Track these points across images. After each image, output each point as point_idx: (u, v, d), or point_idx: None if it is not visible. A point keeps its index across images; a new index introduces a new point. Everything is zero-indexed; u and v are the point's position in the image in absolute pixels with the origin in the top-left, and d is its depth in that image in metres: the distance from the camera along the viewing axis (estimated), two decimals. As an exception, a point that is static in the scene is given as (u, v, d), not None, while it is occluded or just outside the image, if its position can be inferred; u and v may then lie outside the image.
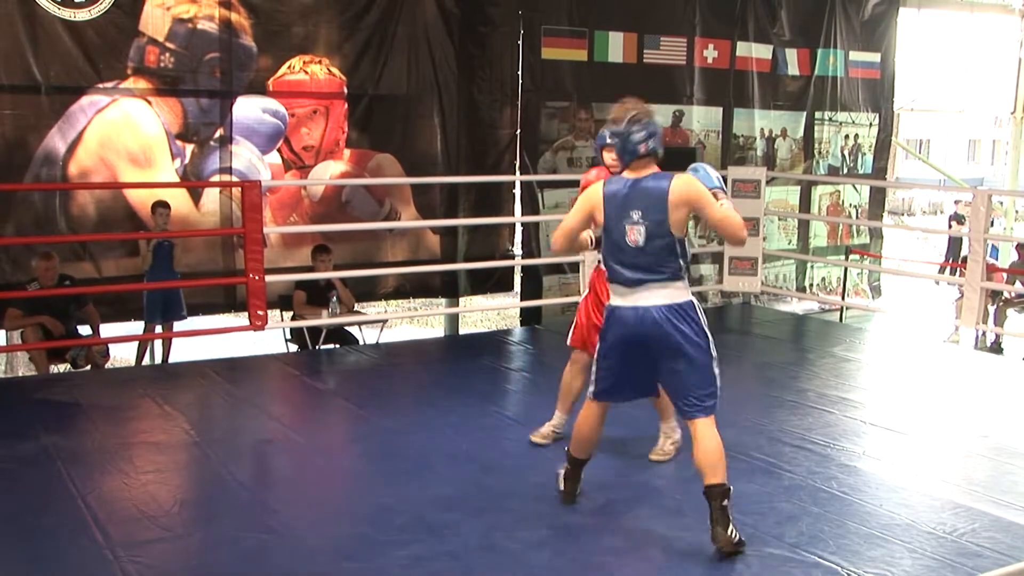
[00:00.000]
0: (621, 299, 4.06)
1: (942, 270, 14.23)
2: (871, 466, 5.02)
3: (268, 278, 7.10)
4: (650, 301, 3.97)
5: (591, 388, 4.31)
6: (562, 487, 4.46)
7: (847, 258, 11.42)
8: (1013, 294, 10.54)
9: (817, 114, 10.97)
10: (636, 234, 3.96)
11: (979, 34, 13.16)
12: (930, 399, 6.37)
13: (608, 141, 4.82)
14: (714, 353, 4.04)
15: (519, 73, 9.00)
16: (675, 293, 3.99)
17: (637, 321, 3.99)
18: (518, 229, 9.32)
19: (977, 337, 9.95)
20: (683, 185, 3.98)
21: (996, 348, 10.03)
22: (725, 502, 3.90)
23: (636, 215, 3.97)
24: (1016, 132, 13.50)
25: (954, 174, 18.51)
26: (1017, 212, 16.97)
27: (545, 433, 5.33)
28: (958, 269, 10.99)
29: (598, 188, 4.15)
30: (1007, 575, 3.86)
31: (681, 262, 4.01)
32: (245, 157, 7.94)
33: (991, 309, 10.54)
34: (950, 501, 4.50)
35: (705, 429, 4.00)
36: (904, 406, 6.13)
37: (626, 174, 4.09)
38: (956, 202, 15.89)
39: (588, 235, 4.55)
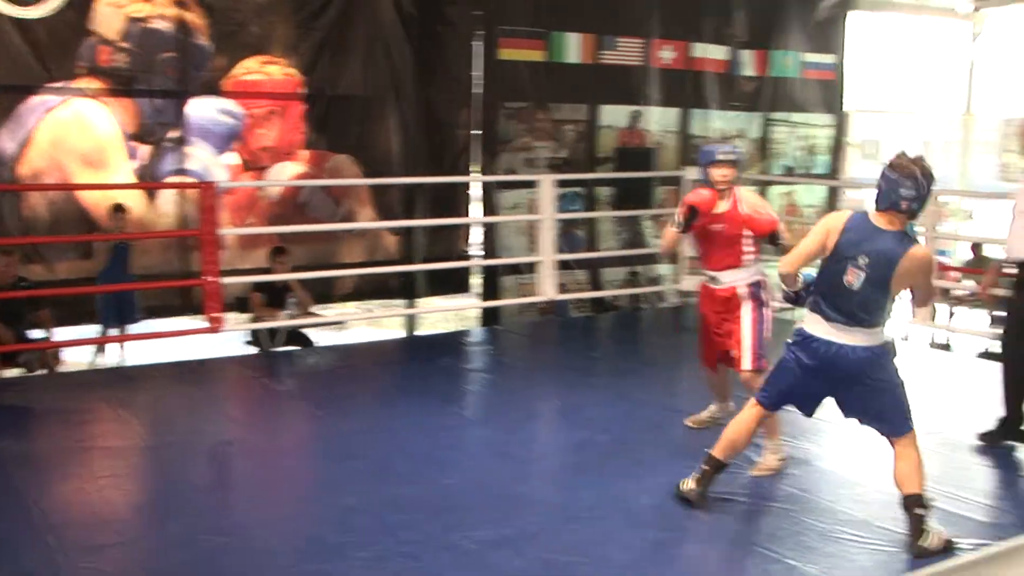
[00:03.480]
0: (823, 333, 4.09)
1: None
2: (828, 464, 5.07)
3: (225, 280, 7.04)
4: (851, 340, 4.03)
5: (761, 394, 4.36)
6: (694, 485, 4.37)
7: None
8: (966, 292, 10.70)
9: (772, 115, 11.05)
10: (855, 277, 3.96)
11: (929, 37, 13.33)
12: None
13: (719, 157, 4.95)
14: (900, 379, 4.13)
15: (477, 74, 8.99)
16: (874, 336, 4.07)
17: (830, 354, 4.05)
18: (476, 230, 9.32)
19: (932, 335, 10.08)
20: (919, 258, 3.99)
21: (946, 345, 10.17)
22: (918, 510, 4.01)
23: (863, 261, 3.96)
24: (965, 133, 13.70)
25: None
26: (969, 212, 17.23)
27: (703, 419, 5.54)
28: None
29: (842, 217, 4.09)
30: (956, 567, 3.93)
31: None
32: (201, 158, 7.87)
33: (949, 308, 10.71)
34: (892, 495, 4.54)
35: (906, 451, 4.09)
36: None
37: (875, 219, 4.00)
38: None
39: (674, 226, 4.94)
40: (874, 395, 4.06)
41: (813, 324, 4.10)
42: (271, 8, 8.01)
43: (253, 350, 7.88)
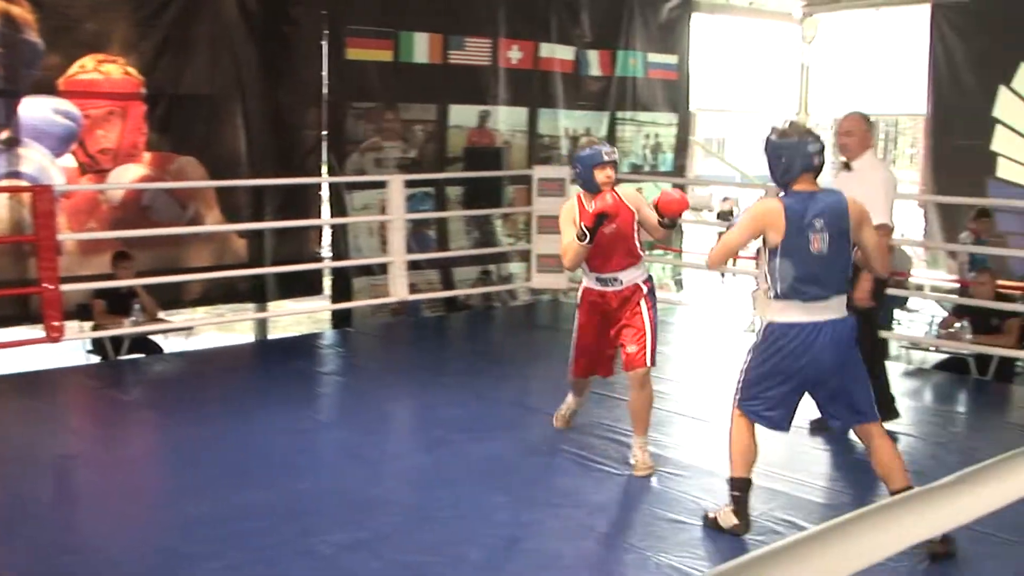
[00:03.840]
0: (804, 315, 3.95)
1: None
2: (678, 454, 5.22)
3: (64, 287, 6.79)
4: (833, 314, 3.95)
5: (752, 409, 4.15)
6: (736, 520, 4.15)
7: (649, 253, 11.79)
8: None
9: (619, 114, 11.27)
10: (820, 242, 3.90)
11: (766, 39, 13.83)
12: (732, 388, 6.66)
13: (605, 158, 4.79)
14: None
15: (324, 74, 8.90)
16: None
17: (824, 339, 3.92)
18: (326, 231, 9.23)
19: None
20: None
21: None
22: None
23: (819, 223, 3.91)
24: (802, 131, 14.22)
25: (748, 171, 19.37)
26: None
27: (566, 415, 5.55)
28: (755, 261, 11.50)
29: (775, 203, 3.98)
30: (786, 545, 4.10)
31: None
32: (35, 160, 7.56)
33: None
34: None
35: (884, 443, 4.05)
36: (708, 395, 6.39)
37: (801, 188, 3.96)
38: (724, 199, 16.59)
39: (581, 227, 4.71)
40: (850, 380, 4.00)
41: (789, 313, 3.96)
42: (108, 5, 7.75)
43: (96, 359, 7.63)
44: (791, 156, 3.93)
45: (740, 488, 4.13)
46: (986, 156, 11.21)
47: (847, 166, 5.50)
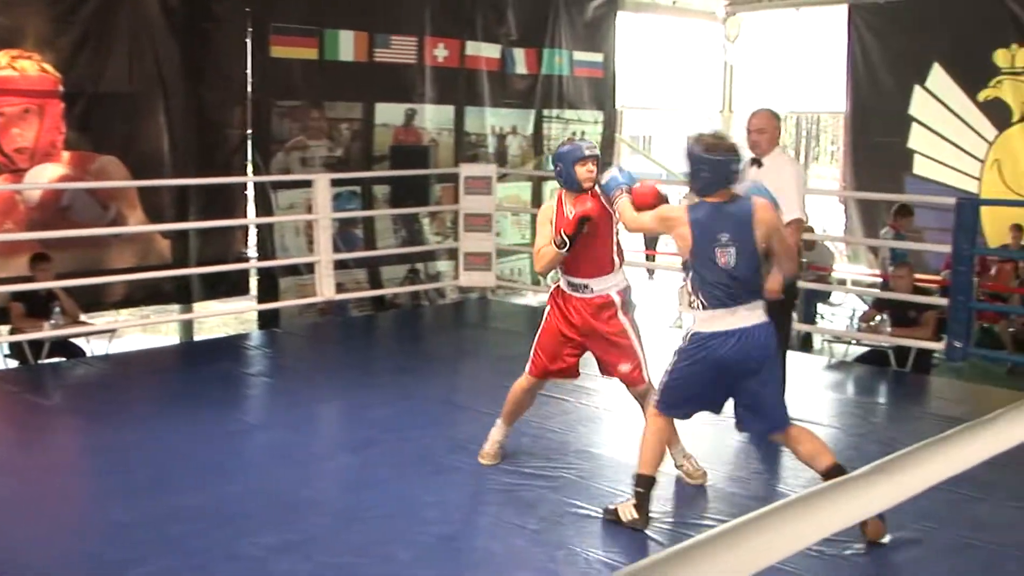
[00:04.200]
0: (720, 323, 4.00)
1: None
2: (606, 450, 5.27)
3: (-19, 290, 6.64)
4: (755, 319, 4.00)
5: (658, 401, 4.23)
6: (636, 515, 4.19)
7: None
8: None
9: (545, 112, 11.33)
10: (728, 256, 3.95)
11: (690, 38, 14.00)
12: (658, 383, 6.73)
13: (586, 153, 4.60)
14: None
15: (249, 72, 8.81)
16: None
17: (739, 346, 3.97)
18: (252, 231, 9.14)
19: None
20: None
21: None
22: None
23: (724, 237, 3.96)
24: (725, 129, 14.48)
25: (674, 169, 19.60)
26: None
27: (492, 452, 4.98)
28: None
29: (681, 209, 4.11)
30: (709, 537, 4.17)
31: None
32: (-51, 161, 7.38)
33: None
34: (671, 475, 4.77)
35: (800, 432, 4.10)
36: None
37: (712, 200, 4.01)
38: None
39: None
40: (765, 384, 4.04)
41: (711, 321, 4.01)
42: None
43: (15, 364, 7.46)
44: (713, 172, 3.96)
45: (645, 485, 4.20)
46: (903, 153, 11.49)
47: (757, 163, 5.58)
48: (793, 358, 8.10)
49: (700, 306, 4.01)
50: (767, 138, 5.53)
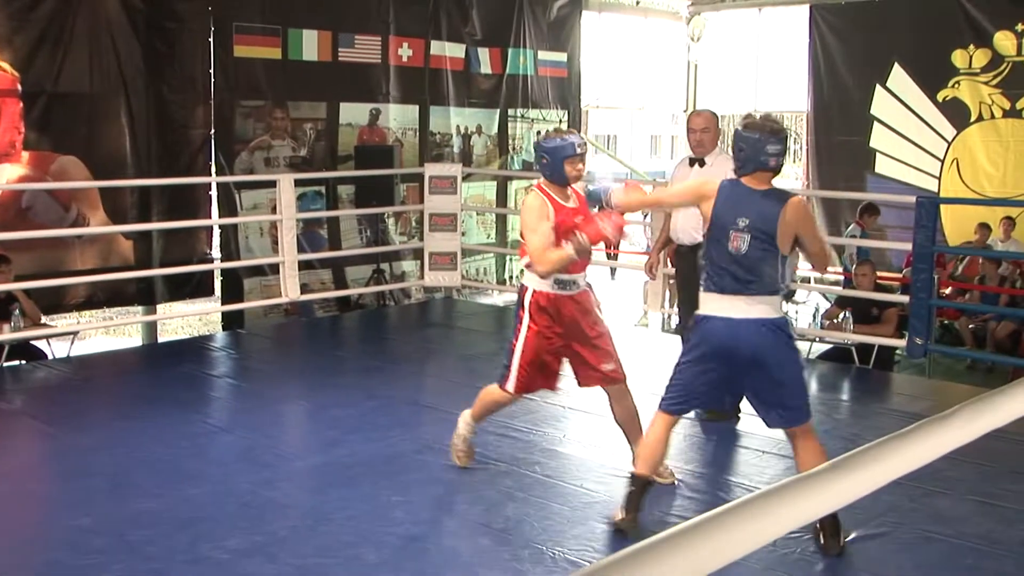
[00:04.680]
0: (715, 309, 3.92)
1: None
2: (572, 449, 5.28)
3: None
4: (751, 313, 3.87)
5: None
6: (622, 516, 4.10)
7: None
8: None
9: (510, 111, 11.35)
10: (740, 242, 3.84)
11: (654, 37, 14.06)
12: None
13: (578, 151, 4.47)
14: (803, 363, 4.08)
15: (211, 71, 8.75)
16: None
17: (730, 334, 3.87)
18: (216, 231, 9.08)
19: (663, 320, 10.66)
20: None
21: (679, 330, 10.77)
22: None
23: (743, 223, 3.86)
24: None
25: (638, 167, 19.68)
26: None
27: (467, 451, 4.86)
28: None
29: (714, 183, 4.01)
30: (671, 534, 4.19)
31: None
32: (-95, 161, 7.27)
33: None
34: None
35: (804, 438, 3.98)
36: (599, 390, 6.45)
37: (746, 182, 3.93)
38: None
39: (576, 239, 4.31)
40: (776, 380, 3.90)
41: (709, 303, 3.95)
42: (-22, -2, 7.49)
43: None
44: (749, 151, 3.87)
45: (637, 485, 4.14)
46: (865, 152, 11.61)
47: (700, 162, 5.63)
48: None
49: (704, 287, 3.97)
50: (711, 137, 5.62)
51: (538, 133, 11.55)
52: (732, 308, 3.88)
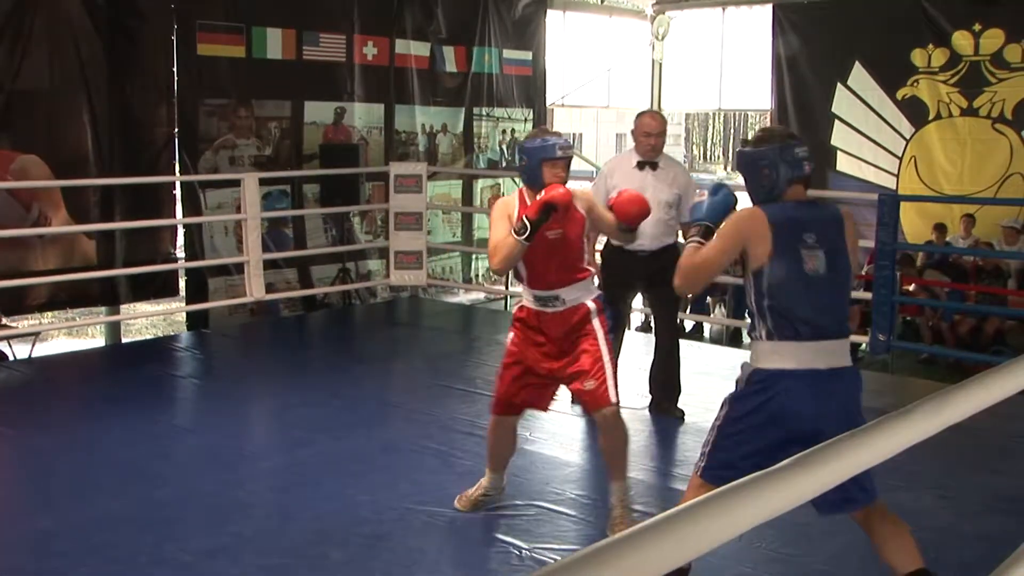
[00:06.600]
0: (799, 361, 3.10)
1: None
2: (539, 447, 5.28)
3: None
4: (842, 360, 3.18)
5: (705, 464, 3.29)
6: None
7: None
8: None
9: (475, 110, 11.34)
10: (815, 261, 3.13)
11: (620, 36, 14.11)
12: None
13: (559, 154, 4.03)
14: None
15: (174, 70, 8.68)
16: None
17: (826, 392, 3.10)
18: (180, 231, 9.01)
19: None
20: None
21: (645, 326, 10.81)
22: None
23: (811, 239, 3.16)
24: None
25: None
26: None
27: (473, 497, 4.43)
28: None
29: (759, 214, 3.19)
30: (636, 531, 4.21)
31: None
32: None
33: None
34: (602, 469, 4.80)
35: (883, 517, 3.29)
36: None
37: (788, 199, 3.24)
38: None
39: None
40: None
41: (782, 358, 3.11)
42: (-64, -5, 7.38)
43: (-66, 368, 7.28)
44: (775, 165, 3.20)
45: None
46: (826, 150, 11.71)
47: (653, 165, 5.54)
48: (722, 353, 8.25)
49: (764, 334, 3.16)
50: (663, 140, 5.58)
51: (503, 132, 11.61)
52: (825, 356, 3.12)
